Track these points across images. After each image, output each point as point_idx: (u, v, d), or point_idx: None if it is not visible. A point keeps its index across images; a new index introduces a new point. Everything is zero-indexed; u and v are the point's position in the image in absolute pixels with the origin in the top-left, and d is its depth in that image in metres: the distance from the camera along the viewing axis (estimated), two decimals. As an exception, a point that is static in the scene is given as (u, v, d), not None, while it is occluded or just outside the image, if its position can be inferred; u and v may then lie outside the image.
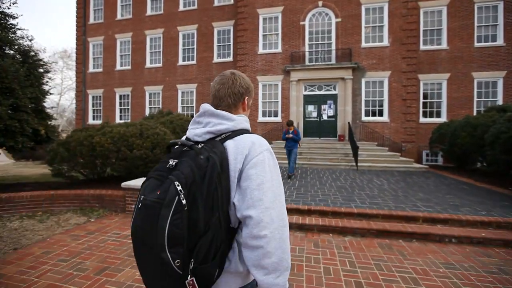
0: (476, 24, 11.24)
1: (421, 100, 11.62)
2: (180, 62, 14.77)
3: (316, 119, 12.04)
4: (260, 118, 12.70)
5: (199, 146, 0.79)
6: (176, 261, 0.67)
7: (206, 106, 0.90)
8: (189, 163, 0.73)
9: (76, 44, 17.05)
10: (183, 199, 0.68)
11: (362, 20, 11.56)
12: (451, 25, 11.43)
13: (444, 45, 11.49)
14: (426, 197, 4.84)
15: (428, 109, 11.66)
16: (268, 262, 0.72)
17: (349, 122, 9.95)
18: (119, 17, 16.05)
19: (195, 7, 14.58)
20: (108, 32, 16.24)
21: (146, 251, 0.72)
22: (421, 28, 11.71)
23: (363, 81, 11.55)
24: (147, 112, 15.38)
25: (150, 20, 15.42)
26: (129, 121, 13.09)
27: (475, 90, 11.24)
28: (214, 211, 0.72)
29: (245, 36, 12.87)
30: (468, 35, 11.27)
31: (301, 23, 12.18)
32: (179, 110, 14.77)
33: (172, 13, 14.99)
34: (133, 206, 2.04)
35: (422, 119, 11.59)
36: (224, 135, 0.84)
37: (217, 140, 0.82)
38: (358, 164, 8.06)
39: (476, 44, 11.20)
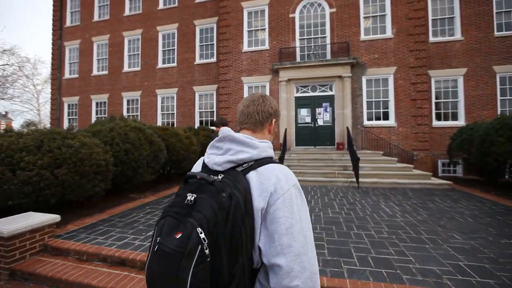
0: (495, 10, 9.57)
1: (433, 100, 9.86)
2: (160, 65, 13.34)
3: (310, 124, 10.33)
4: (246, 125, 11.03)
5: (219, 177, 0.74)
6: None
7: (226, 131, 0.83)
8: (210, 203, 0.67)
9: (52, 49, 15.84)
10: (206, 249, 0.62)
11: (360, 9, 9.99)
12: (465, 12, 9.77)
13: (458, 36, 9.81)
14: (468, 242, 3.04)
15: (442, 111, 9.88)
16: None
17: (347, 128, 8.23)
18: (96, 18, 14.83)
19: (176, 4, 13.24)
20: (85, 35, 15.00)
21: None
22: (430, 18, 10.08)
23: (363, 79, 9.87)
24: (124, 121, 13.87)
25: (128, 21, 14.14)
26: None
27: (498, 86, 9.46)
28: (238, 257, 0.66)
29: (228, 33, 11.40)
30: (486, 23, 9.59)
31: (291, 15, 10.66)
32: (159, 118, 13.24)
33: (151, 12, 13.69)
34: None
35: (435, 123, 9.80)
36: (246, 164, 0.78)
37: (239, 171, 0.76)
38: (360, 180, 6.30)
39: (496, 33, 9.49)
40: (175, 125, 12.82)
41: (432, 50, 9.91)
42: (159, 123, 13.21)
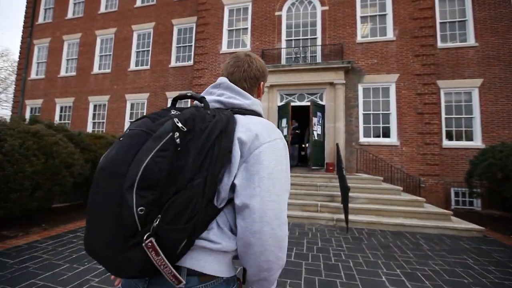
0: (515, 13, 8.15)
1: (443, 115, 8.19)
2: (132, 67, 11.84)
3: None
4: (221, 137, 9.31)
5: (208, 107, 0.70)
6: (140, 208, 0.52)
7: (223, 79, 0.82)
8: (192, 111, 0.64)
9: (20, 48, 14.44)
10: (177, 138, 0.56)
11: (356, 8, 8.56)
12: (478, 15, 8.34)
13: (471, 41, 8.32)
14: None
15: (453, 128, 8.18)
16: (263, 261, 0.64)
17: (337, 144, 6.46)
18: (69, 15, 13.54)
19: (154, 2, 11.95)
20: (56, 33, 13.64)
21: (107, 187, 0.56)
22: (438, 21, 8.64)
23: (360, 87, 8.26)
24: (89, 128, 12.20)
25: (102, 19, 12.82)
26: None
27: (522, 102, 7.83)
28: (202, 170, 0.59)
29: (205, 32, 9.95)
30: (504, 28, 8.12)
31: (277, 13, 9.25)
32: (126, 126, 11.46)
33: (127, 10, 12.38)
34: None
35: (446, 143, 8.07)
36: (237, 109, 0.75)
37: (228, 110, 0.73)
38: (351, 217, 4.45)
39: (518, 40, 8.01)
40: (143, 135, 11.10)
41: (441, 57, 8.37)
42: (126, 132, 11.49)
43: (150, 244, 0.52)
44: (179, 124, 0.58)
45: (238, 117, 0.71)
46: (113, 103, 11.91)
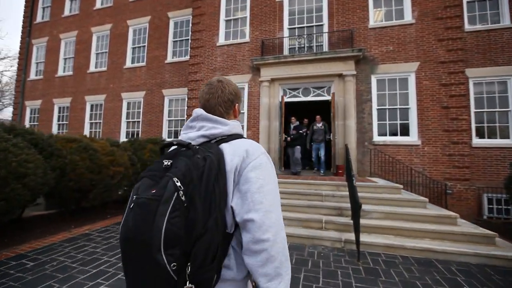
0: (561, -14, 6.85)
1: (473, 109, 7.03)
2: (128, 64, 11.25)
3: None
4: (218, 138, 8.52)
5: (196, 147, 0.78)
6: (172, 264, 0.61)
7: (199, 111, 0.89)
8: (186, 162, 0.71)
9: (20, 48, 14.22)
10: (182, 196, 0.65)
11: (368, -12, 7.50)
12: (516, -9, 7.08)
13: (506, 22, 7.09)
14: None
15: (485, 124, 7.00)
16: (271, 267, 0.71)
17: (346, 146, 5.48)
18: (66, 13, 13.12)
19: (149, -6, 11.28)
20: (53, 31, 13.28)
21: (138, 255, 0.64)
22: (464, 0, 7.45)
23: (373, 79, 7.23)
24: (86, 129, 11.76)
25: (98, 15, 12.30)
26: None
27: None
28: (212, 212, 0.69)
29: (201, 23, 9.16)
30: (548, 4, 6.84)
31: (278, 0, 8.32)
32: (123, 126, 10.98)
33: (122, 5, 11.79)
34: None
35: (476, 141, 6.92)
36: (219, 138, 0.84)
37: (213, 143, 0.82)
38: (365, 239, 3.55)
39: None
40: (139, 136, 10.52)
41: (469, 42, 7.19)
42: (122, 133, 10.97)
43: None
44: (178, 184, 0.65)
45: (224, 147, 0.80)
46: (109, 102, 11.39)
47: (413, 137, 6.78)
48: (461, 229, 3.65)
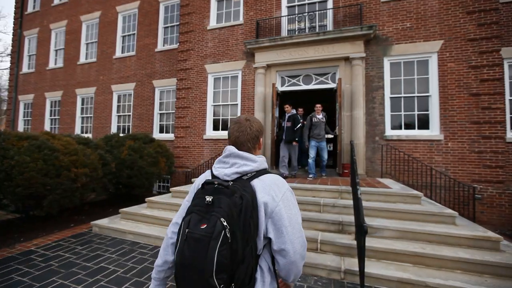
0: None
1: (508, 96, 5.84)
2: (117, 54, 10.49)
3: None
4: (209, 133, 7.67)
5: (231, 183, 0.93)
6: (221, 286, 0.79)
7: (232, 149, 1.03)
8: (227, 201, 0.86)
9: (12, 40, 13.74)
10: (228, 233, 0.81)
11: (381, -47, 6.31)
12: None
13: (553, -11, 5.78)
14: None
15: (523, 115, 5.80)
16: (297, 272, 0.97)
17: (351, 142, 4.48)
18: (56, 1, 12.44)
19: (138, -24, 10.38)
20: (43, 22, 12.67)
21: (194, 277, 0.82)
22: (500, -35, 6.14)
23: (386, 62, 6.13)
24: (77, 124, 11.20)
25: (86, 2, 11.53)
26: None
27: None
28: (249, 242, 0.86)
29: (191, 5, 8.22)
30: None
31: (276, -27, 7.23)
32: (114, 121, 10.31)
33: (111, -10, 10.96)
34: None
35: (511, 135, 5.76)
36: (250, 174, 0.98)
37: (245, 179, 0.96)
38: (371, 271, 2.65)
39: None
40: (130, 130, 9.84)
41: (504, 14, 5.93)
42: (114, 128, 10.30)
43: None
44: (225, 223, 0.81)
45: (255, 184, 0.95)
46: (99, 95, 10.72)
47: (434, 131, 5.70)
48: (506, 258, 2.67)
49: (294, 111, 5.88)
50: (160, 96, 9.57)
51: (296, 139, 5.59)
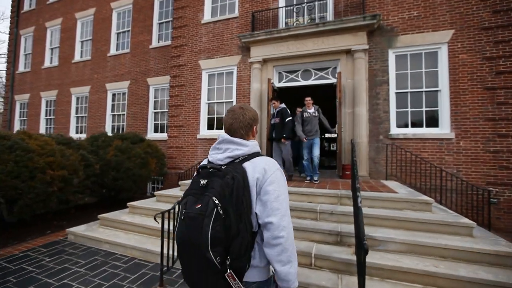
0: None
1: (526, 91, 5.31)
2: (112, 52, 10.19)
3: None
4: (203, 132, 7.28)
5: (223, 167, 1.00)
6: (217, 258, 0.86)
7: (224, 136, 1.11)
8: (219, 182, 0.94)
9: (9, 39, 13.56)
10: (220, 210, 0.89)
11: None
12: None
13: None
14: None
15: (543, 111, 5.27)
16: (284, 256, 0.96)
17: (351, 141, 4.03)
18: (51, -1, 12.21)
19: (132, -29, 10.05)
20: (39, 20, 12.46)
21: (192, 251, 0.91)
22: None
23: (391, 54, 5.67)
24: (72, 124, 10.95)
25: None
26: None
27: None
28: (242, 218, 0.93)
29: (185, -2, 7.84)
30: None
31: (272, -38, 6.81)
32: (108, 120, 10.02)
33: (106, -15, 10.66)
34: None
35: (529, 133, 5.23)
36: (242, 157, 1.05)
37: (237, 162, 1.03)
38: None
39: None
40: (125, 130, 9.52)
41: (521, 1, 5.41)
42: (108, 128, 10.00)
43: (230, 274, 0.89)
44: (216, 201, 0.89)
45: (246, 166, 1.02)
46: (94, 94, 10.43)
47: (444, 129, 5.22)
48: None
49: (283, 105, 5.19)
50: (154, 94, 9.23)
51: (285, 135, 4.86)
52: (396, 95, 5.60)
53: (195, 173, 1.06)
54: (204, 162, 1.13)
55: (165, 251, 2.67)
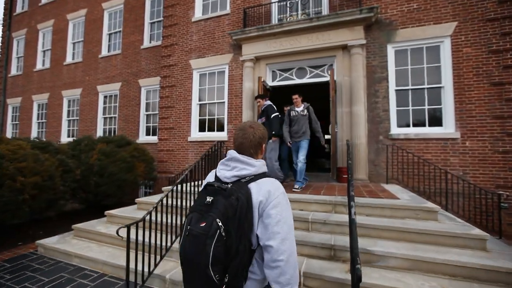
0: None
1: (535, 87, 4.95)
2: (103, 53, 9.93)
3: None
4: (194, 135, 6.95)
5: (229, 186, 1.04)
6: (216, 276, 0.91)
7: (233, 153, 1.13)
8: (223, 203, 0.97)
9: (1, 42, 13.35)
10: (222, 232, 0.92)
11: None
12: None
13: None
14: None
15: (554, 108, 4.90)
16: (283, 279, 0.96)
17: (347, 142, 3.67)
18: (43, 0, 12.00)
19: (123, -30, 9.82)
20: (31, 22, 12.25)
21: (193, 268, 0.96)
22: None
23: (390, 49, 5.33)
24: (64, 128, 10.66)
25: (73, 0, 11.04)
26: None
27: None
28: (242, 239, 0.96)
29: (175, -4, 7.56)
30: None
31: (264, -44, 6.52)
32: (100, 123, 9.73)
33: (97, -14, 10.43)
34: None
35: (540, 131, 4.85)
36: (248, 177, 1.07)
37: (243, 182, 1.05)
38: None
39: None
40: (116, 133, 9.22)
41: (529, -9, 5.07)
42: (99, 131, 9.70)
43: None
44: (220, 224, 0.92)
45: (252, 187, 1.04)
46: (85, 96, 10.16)
47: (448, 128, 4.86)
48: None
49: (267, 102, 4.62)
50: (146, 96, 8.94)
51: (273, 132, 4.36)
52: (396, 92, 5.26)
53: (202, 187, 1.11)
54: (211, 175, 1.18)
55: (139, 266, 2.32)
